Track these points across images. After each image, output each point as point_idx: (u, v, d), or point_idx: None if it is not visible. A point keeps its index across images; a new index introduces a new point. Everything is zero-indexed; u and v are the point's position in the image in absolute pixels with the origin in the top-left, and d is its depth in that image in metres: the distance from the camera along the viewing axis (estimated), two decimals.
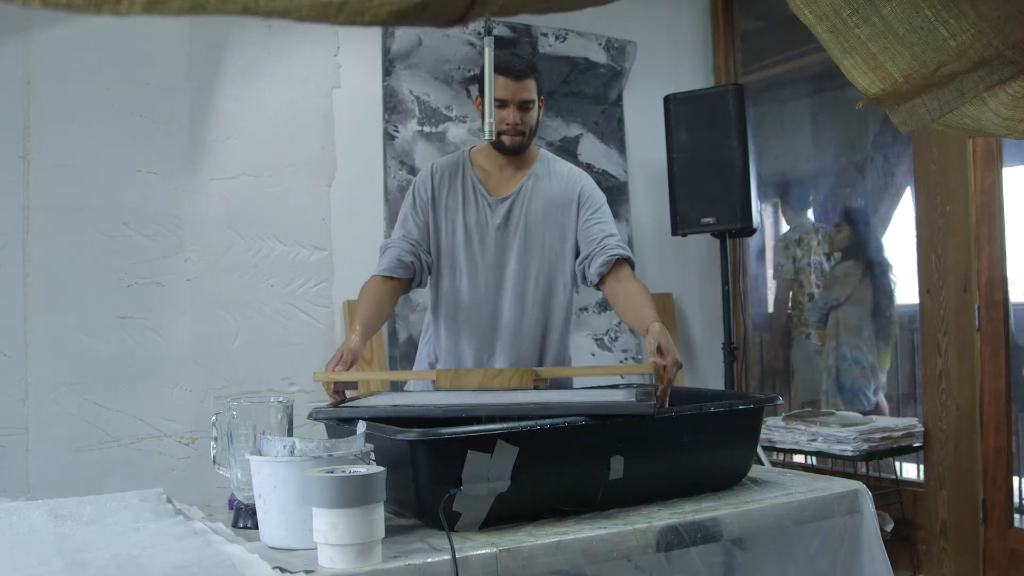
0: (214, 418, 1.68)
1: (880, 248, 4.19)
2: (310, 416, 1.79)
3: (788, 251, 4.47)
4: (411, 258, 2.37)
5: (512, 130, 2.37)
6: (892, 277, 4.12)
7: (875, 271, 4.21)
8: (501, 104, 2.35)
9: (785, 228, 4.63)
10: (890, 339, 4.13)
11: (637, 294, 2.29)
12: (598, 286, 2.41)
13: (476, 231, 2.40)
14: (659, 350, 1.93)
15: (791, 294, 4.50)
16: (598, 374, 2.40)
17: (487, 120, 2.31)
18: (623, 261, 2.37)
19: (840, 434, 3.43)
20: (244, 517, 1.60)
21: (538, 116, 2.43)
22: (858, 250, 4.27)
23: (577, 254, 2.45)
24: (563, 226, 2.45)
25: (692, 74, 4.43)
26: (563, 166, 2.56)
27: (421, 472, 1.51)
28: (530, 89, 2.37)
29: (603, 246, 2.38)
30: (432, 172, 2.45)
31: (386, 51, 3.69)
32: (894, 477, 3.86)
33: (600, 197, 2.52)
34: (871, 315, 4.19)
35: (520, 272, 2.41)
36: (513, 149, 2.41)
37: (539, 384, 2.00)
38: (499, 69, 2.33)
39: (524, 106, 2.37)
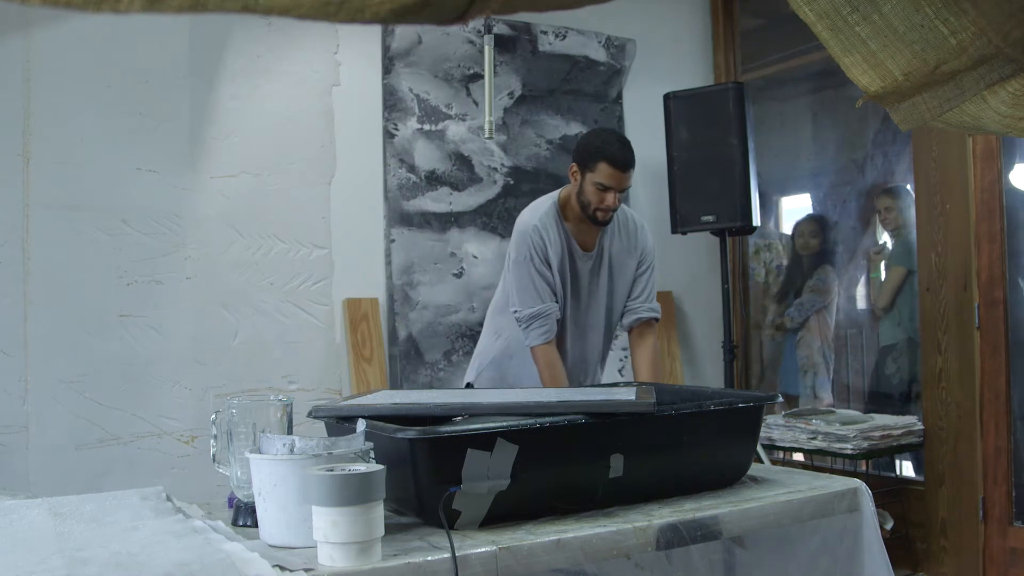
0: (214, 416, 1.67)
1: (854, 254, 4.32)
2: (310, 414, 1.79)
3: (759, 256, 4.59)
4: (559, 315, 2.70)
5: (608, 210, 2.65)
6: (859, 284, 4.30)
7: (846, 276, 4.35)
8: (604, 188, 2.62)
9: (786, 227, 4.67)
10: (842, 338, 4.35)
11: (643, 365, 2.82)
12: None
13: (575, 281, 2.75)
14: None
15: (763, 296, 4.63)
16: None
17: (487, 119, 2.32)
18: (649, 320, 2.86)
19: (840, 432, 3.43)
20: (244, 515, 1.60)
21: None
22: (831, 255, 4.40)
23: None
24: (627, 277, 2.85)
25: (692, 72, 4.43)
26: (628, 219, 2.87)
27: (421, 470, 1.51)
28: (631, 178, 2.67)
29: (635, 308, 2.84)
30: (543, 234, 2.69)
31: (386, 49, 3.69)
32: (894, 475, 3.87)
33: (653, 253, 2.90)
34: (836, 317, 4.38)
35: (598, 316, 2.79)
36: (603, 223, 2.70)
37: None
38: (609, 159, 2.60)
39: (623, 191, 2.65)
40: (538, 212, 2.73)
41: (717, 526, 1.62)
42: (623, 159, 2.61)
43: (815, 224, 4.43)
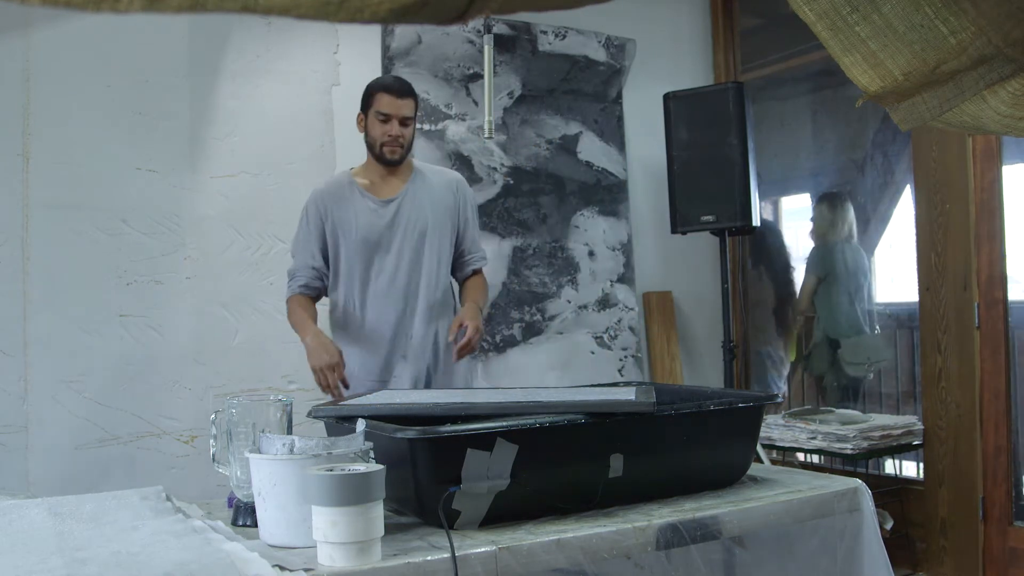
0: (214, 416, 1.67)
1: (784, 251, 4.56)
2: (309, 414, 1.79)
3: None
4: (317, 282, 2.74)
5: (394, 142, 2.67)
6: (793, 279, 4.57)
7: (778, 273, 4.58)
8: (385, 119, 2.65)
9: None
10: (792, 335, 4.56)
11: (470, 288, 2.80)
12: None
13: (370, 233, 2.68)
14: (460, 323, 2.54)
15: None
16: None
17: (486, 118, 2.33)
18: (479, 269, 2.86)
19: (840, 432, 3.43)
20: (243, 515, 1.60)
21: (413, 132, 2.75)
22: (764, 256, 4.61)
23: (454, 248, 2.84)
24: (448, 224, 2.77)
25: (692, 72, 4.43)
26: (438, 170, 2.89)
27: (421, 470, 1.51)
28: (410, 107, 2.68)
29: (467, 261, 2.82)
30: (318, 196, 2.75)
31: (385, 49, 3.69)
32: (894, 475, 3.87)
33: (473, 199, 2.88)
34: (774, 313, 4.60)
35: (414, 265, 2.71)
36: (394, 161, 2.70)
37: None
38: (383, 88, 2.67)
39: (404, 122, 2.67)
40: (325, 182, 2.82)
41: (717, 526, 1.62)
42: (398, 86, 2.68)
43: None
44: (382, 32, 3.68)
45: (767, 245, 4.60)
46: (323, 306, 3.48)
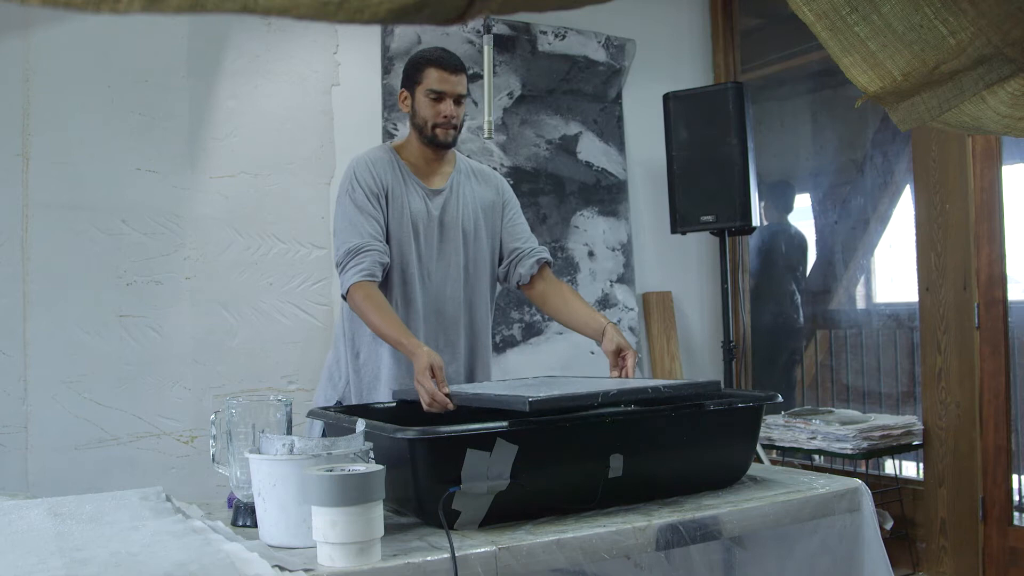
0: (213, 416, 1.67)
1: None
2: (309, 415, 1.79)
3: None
4: (385, 259, 2.30)
5: (447, 123, 2.36)
6: None
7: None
8: (438, 97, 2.34)
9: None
10: None
11: (573, 295, 2.45)
12: (522, 286, 2.50)
13: (420, 221, 2.38)
14: (619, 352, 2.18)
15: None
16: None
17: (486, 119, 2.32)
18: (546, 263, 2.48)
19: (840, 432, 3.43)
20: (243, 515, 1.60)
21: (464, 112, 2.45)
22: None
23: (499, 254, 2.51)
24: (492, 225, 2.48)
25: (692, 72, 4.43)
26: (480, 165, 2.58)
27: (420, 470, 1.51)
28: (464, 84, 2.38)
29: (530, 249, 2.48)
30: (370, 163, 2.38)
31: (385, 49, 3.69)
32: (894, 475, 3.87)
33: (516, 198, 2.57)
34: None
35: (459, 266, 2.41)
36: (447, 144, 2.39)
37: None
38: (436, 63, 2.35)
39: (459, 100, 2.37)
40: (367, 152, 2.45)
41: (717, 526, 1.62)
42: (450, 59, 2.36)
43: None
44: (382, 32, 3.68)
45: None
46: (321, 306, 3.49)
